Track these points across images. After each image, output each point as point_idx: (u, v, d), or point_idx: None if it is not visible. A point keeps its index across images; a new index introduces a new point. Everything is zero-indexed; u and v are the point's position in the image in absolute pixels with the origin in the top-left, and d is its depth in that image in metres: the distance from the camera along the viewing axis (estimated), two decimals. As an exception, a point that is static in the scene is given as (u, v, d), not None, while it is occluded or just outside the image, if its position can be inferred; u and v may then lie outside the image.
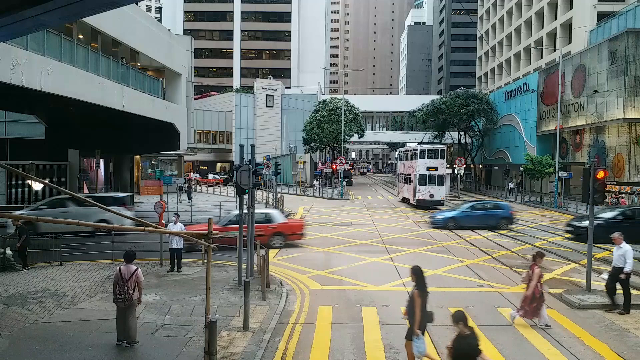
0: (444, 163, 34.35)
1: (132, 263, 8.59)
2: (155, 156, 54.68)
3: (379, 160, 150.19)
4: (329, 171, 53.48)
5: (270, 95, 66.72)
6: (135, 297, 8.41)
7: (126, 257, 8.64)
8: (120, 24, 20.78)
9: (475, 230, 23.21)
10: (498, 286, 13.05)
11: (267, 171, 30.86)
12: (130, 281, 8.28)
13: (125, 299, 8.22)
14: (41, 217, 5.92)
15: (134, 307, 8.40)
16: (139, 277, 8.43)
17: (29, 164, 25.68)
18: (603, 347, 8.76)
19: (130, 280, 8.28)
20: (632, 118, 33.69)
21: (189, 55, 38.14)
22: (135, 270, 8.38)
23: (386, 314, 10.59)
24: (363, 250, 17.83)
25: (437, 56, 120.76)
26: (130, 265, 8.49)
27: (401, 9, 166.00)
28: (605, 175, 12.24)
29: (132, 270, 8.37)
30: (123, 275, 8.29)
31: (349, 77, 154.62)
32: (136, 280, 8.38)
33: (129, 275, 8.29)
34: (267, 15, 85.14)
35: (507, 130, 53.36)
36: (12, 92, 14.35)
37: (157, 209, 18.55)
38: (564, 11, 52.57)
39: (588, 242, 12.46)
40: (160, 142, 30.44)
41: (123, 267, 8.42)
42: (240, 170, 11.88)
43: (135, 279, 8.36)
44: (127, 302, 8.25)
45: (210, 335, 6.79)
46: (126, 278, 8.27)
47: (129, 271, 8.35)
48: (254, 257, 13.32)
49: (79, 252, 15.58)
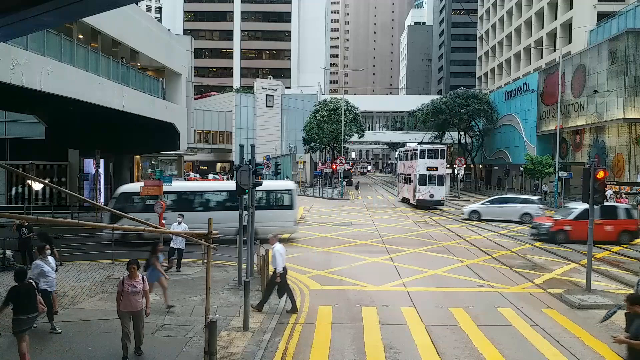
0: (444, 163, 34.35)
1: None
2: (155, 156, 54.63)
3: (379, 160, 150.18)
4: (329, 171, 53.47)
5: (270, 95, 66.69)
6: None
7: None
8: (120, 24, 20.75)
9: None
10: (498, 286, 13.06)
11: (267, 171, 30.87)
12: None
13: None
14: (41, 217, 5.93)
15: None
16: (145, 285, 8.21)
17: (29, 164, 25.68)
18: (603, 347, 8.75)
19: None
20: (632, 118, 33.70)
21: (189, 55, 38.11)
22: (143, 278, 8.22)
23: (386, 314, 10.59)
24: (363, 250, 17.83)
25: (437, 56, 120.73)
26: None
27: (401, 9, 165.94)
28: (605, 175, 12.24)
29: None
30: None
31: (349, 77, 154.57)
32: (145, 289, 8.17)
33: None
34: (267, 15, 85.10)
35: (507, 130, 53.36)
36: (12, 92, 14.34)
37: (157, 209, 18.54)
38: (564, 11, 52.56)
39: (588, 242, 12.47)
40: (160, 142, 30.39)
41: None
42: (240, 170, 11.88)
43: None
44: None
45: (210, 335, 6.79)
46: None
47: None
48: (254, 257, 13.32)
49: (79, 252, 15.58)
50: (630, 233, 20.02)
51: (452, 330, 9.59)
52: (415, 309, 10.98)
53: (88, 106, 17.79)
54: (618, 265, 15.73)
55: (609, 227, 19.59)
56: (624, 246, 19.52)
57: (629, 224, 20.05)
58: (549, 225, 20.19)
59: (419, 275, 14.16)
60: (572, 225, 19.69)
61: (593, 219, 12.62)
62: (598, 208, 19.73)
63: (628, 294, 6.33)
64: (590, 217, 12.59)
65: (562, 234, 19.78)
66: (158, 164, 56.83)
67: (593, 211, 12.64)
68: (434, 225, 25.18)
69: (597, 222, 19.24)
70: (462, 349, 8.70)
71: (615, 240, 19.67)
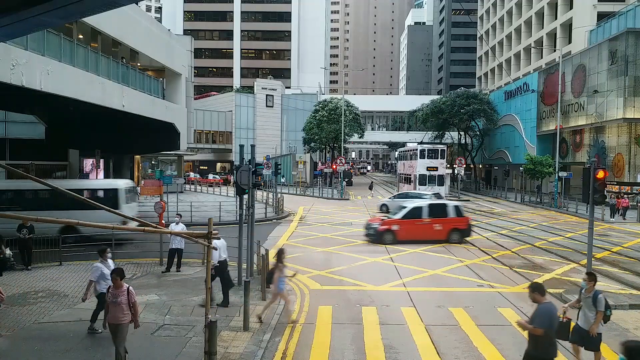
0: (444, 163, 34.41)
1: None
2: (155, 156, 54.70)
3: (379, 160, 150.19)
4: (329, 171, 53.46)
5: (270, 95, 66.70)
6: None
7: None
8: (120, 24, 20.76)
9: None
10: (498, 286, 13.06)
11: (267, 171, 30.87)
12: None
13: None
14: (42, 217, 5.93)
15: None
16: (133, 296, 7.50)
17: (29, 164, 25.67)
18: (603, 347, 8.74)
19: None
20: (632, 118, 33.72)
21: (189, 55, 38.14)
22: (128, 289, 7.47)
23: (386, 314, 10.59)
24: (363, 250, 17.83)
25: (437, 56, 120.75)
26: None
27: (401, 9, 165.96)
28: (605, 175, 12.23)
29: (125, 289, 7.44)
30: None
31: (349, 77, 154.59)
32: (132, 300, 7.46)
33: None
34: (267, 15, 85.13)
35: (507, 130, 53.36)
36: (12, 92, 14.34)
37: (157, 209, 18.57)
38: (564, 11, 52.58)
39: (588, 242, 12.47)
40: (160, 142, 30.43)
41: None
42: (240, 170, 11.89)
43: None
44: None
45: (210, 335, 6.79)
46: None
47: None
48: (253, 257, 13.32)
49: (79, 252, 15.58)
50: (461, 231, 19.43)
51: (452, 330, 9.59)
52: (415, 308, 10.99)
53: (88, 106, 17.81)
54: (618, 266, 15.72)
55: (438, 225, 19.13)
56: (453, 243, 19.07)
57: (459, 222, 19.49)
58: (377, 225, 19.34)
59: (419, 275, 14.16)
60: (400, 225, 19.06)
61: (593, 219, 12.62)
62: (427, 206, 19.69)
63: (531, 282, 6.75)
64: (590, 217, 12.60)
65: (389, 234, 18.94)
66: (158, 164, 56.86)
67: (593, 211, 12.64)
68: (434, 225, 25.15)
69: (426, 221, 19.22)
70: (462, 349, 8.70)
71: (445, 239, 19.17)
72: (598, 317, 7.22)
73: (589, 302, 7.35)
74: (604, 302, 7.23)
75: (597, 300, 7.24)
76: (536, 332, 5.98)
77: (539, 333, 5.97)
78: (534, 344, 6.15)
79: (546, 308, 6.08)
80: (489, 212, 32.22)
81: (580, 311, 7.60)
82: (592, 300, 7.29)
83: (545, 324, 5.95)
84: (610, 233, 23.30)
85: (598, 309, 7.21)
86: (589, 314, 7.35)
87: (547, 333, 5.97)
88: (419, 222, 19.21)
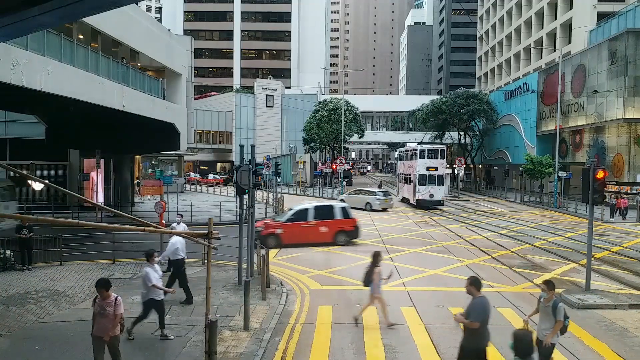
0: (444, 163, 34.37)
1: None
2: (156, 156, 54.59)
3: (379, 160, 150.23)
4: (329, 171, 53.45)
5: (270, 95, 66.72)
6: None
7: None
8: (120, 24, 20.75)
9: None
10: (498, 286, 13.06)
11: (267, 171, 30.87)
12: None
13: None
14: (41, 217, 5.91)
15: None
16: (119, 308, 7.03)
17: (29, 164, 25.68)
18: (603, 347, 8.77)
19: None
20: (631, 118, 33.72)
21: (189, 55, 38.16)
22: (116, 300, 7.02)
23: (386, 313, 10.59)
24: (363, 250, 17.82)
25: (437, 56, 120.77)
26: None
27: (401, 9, 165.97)
28: (605, 175, 12.24)
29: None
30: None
31: (349, 77, 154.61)
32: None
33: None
34: (267, 15, 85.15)
35: (507, 130, 53.38)
36: (12, 92, 14.34)
37: (157, 209, 18.57)
38: (563, 11, 52.59)
39: (587, 242, 12.48)
40: (160, 142, 30.39)
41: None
42: (241, 170, 11.90)
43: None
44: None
45: (211, 335, 6.80)
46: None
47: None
48: (254, 257, 13.33)
49: (79, 252, 15.60)
50: (347, 233, 19.13)
51: (452, 330, 9.59)
52: (415, 308, 11.00)
53: (88, 106, 17.79)
54: (618, 265, 15.74)
55: (324, 228, 18.76)
56: (339, 246, 18.76)
57: (346, 224, 19.17)
58: (260, 229, 18.16)
59: (419, 275, 14.18)
60: (284, 229, 18.41)
61: (592, 219, 12.63)
62: (312, 208, 19.25)
63: (470, 276, 6.95)
64: (589, 217, 12.61)
65: (273, 238, 18.11)
66: (158, 164, 56.79)
67: (592, 211, 12.65)
68: (433, 225, 25.19)
69: (312, 223, 18.81)
70: (461, 348, 8.70)
71: (331, 241, 18.77)
72: (556, 327, 6.88)
73: (548, 311, 7.01)
74: (563, 312, 6.88)
75: (556, 310, 6.88)
76: (473, 325, 6.31)
77: (475, 327, 6.30)
78: (469, 336, 6.48)
79: (480, 302, 6.45)
80: (488, 212, 32.25)
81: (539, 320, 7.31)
82: (551, 310, 6.94)
83: (480, 317, 6.32)
84: (610, 233, 23.32)
85: (557, 318, 6.86)
86: (547, 324, 7.02)
87: (482, 325, 6.33)
88: (304, 224, 18.67)
